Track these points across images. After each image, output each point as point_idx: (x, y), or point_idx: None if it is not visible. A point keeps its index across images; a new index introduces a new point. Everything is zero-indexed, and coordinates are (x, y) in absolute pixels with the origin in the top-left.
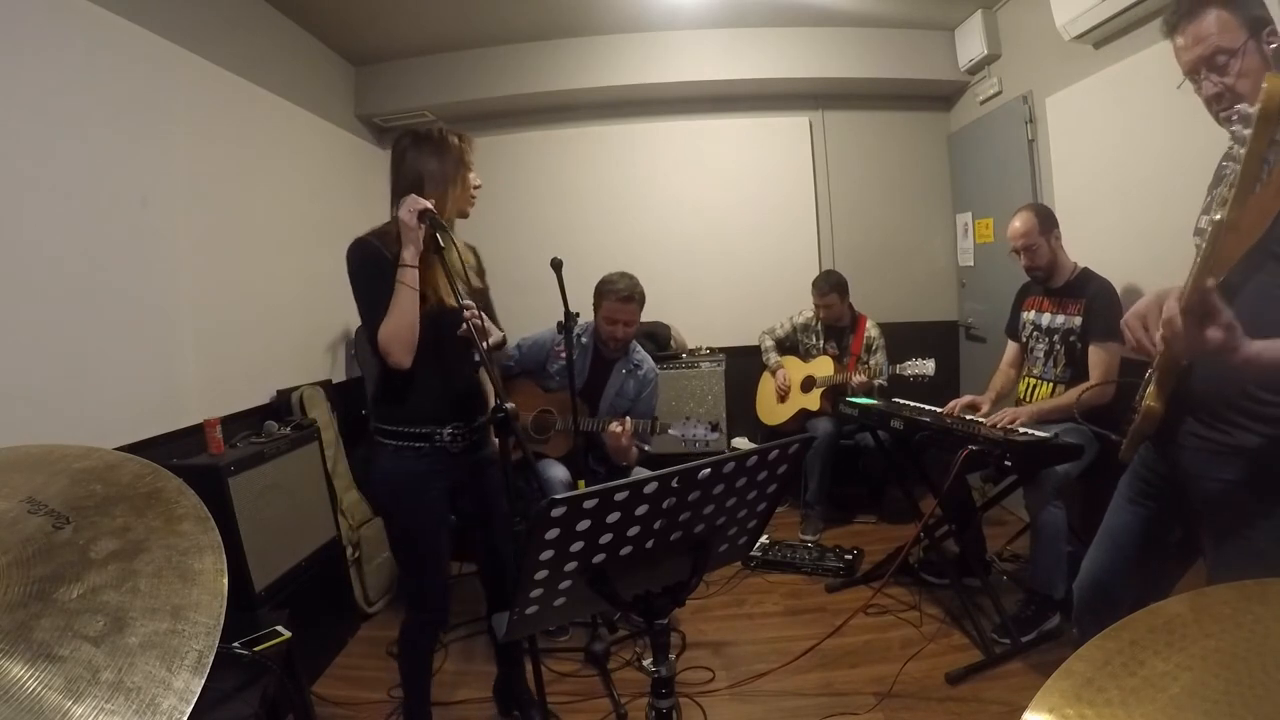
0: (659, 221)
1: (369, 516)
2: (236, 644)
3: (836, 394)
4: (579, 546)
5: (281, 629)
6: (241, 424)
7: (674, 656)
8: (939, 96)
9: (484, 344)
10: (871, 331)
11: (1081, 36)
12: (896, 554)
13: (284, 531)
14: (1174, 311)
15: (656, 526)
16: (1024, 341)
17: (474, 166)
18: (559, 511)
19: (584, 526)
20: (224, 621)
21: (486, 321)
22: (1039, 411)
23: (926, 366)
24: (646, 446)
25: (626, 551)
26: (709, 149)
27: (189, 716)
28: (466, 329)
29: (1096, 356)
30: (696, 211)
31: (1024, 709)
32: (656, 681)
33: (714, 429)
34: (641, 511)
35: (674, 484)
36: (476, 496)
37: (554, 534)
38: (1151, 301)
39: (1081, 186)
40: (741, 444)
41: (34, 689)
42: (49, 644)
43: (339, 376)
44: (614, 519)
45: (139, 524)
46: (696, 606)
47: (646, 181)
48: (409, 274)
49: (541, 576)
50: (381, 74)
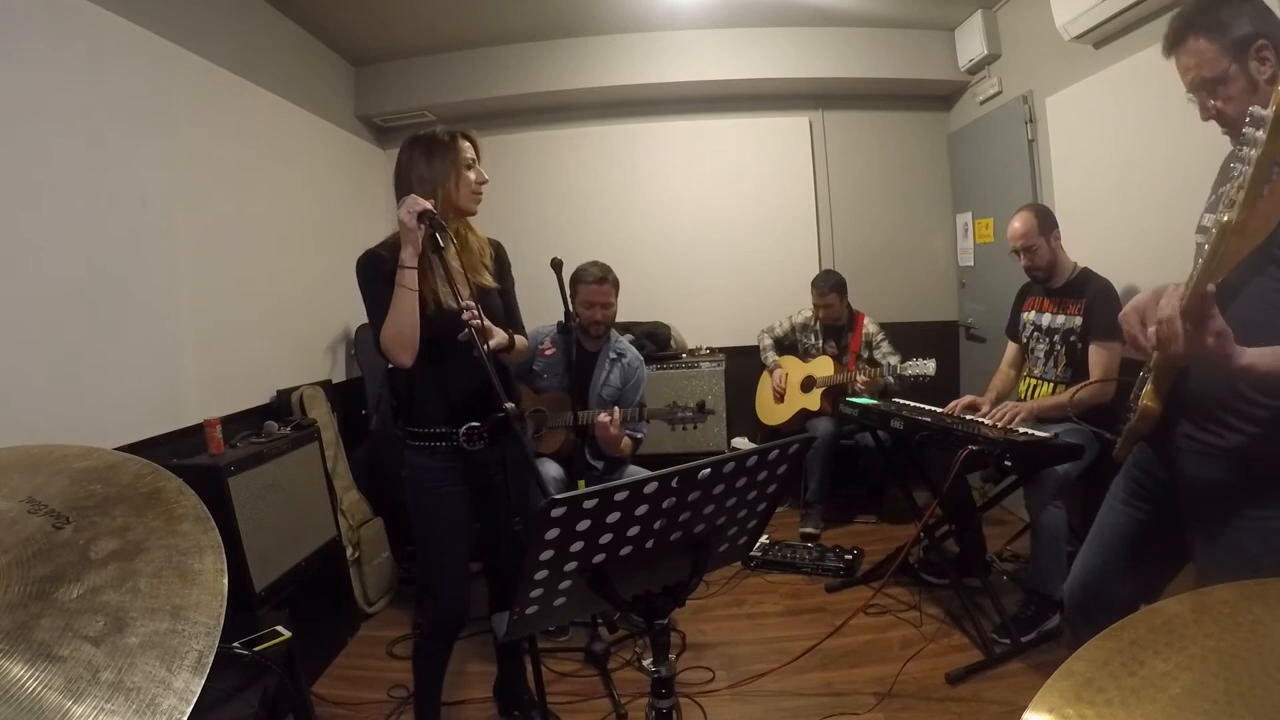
0: (659, 221)
1: (369, 516)
2: (236, 644)
3: (836, 394)
4: (579, 546)
5: (281, 629)
6: (241, 424)
7: (674, 656)
8: (939, 96)
9: (485, 345)
10: (870, 328)
11: (1081, 36)
12: (896, 554)
13: (284, 531)
14: (1173, 312)
15: (656, 526)
16: (1024, 342)
17: (476, 164)
18: (559, 511)
19: (584, 526)
20: (224, 621)
21: (487, 322)
22: (1039, 409)
23: (927, 366)
24: (639, 435)
25: (626, 551)
26: (709, 149)
27: (189, 716)
28: (467, 331)
29: (1097, 356)
30: (696, 211)
31: (1024, 709)
32: (656, 681)
33: (701, 409)
34: (641, 511)
35: (674, 484)
36: (494, 498)
37: (554, 534)
38: (1149, 297)
39: (1081, 186)
40: (741, 444)
41: (34, 689)
42: (49, 644)
43: (339, 376)
44: (614, 519)
45: (139, 524)
46: (696, 606)
47: (646, 181)
48: (407, 275)
49: (541, 576)
50: (381, 74)
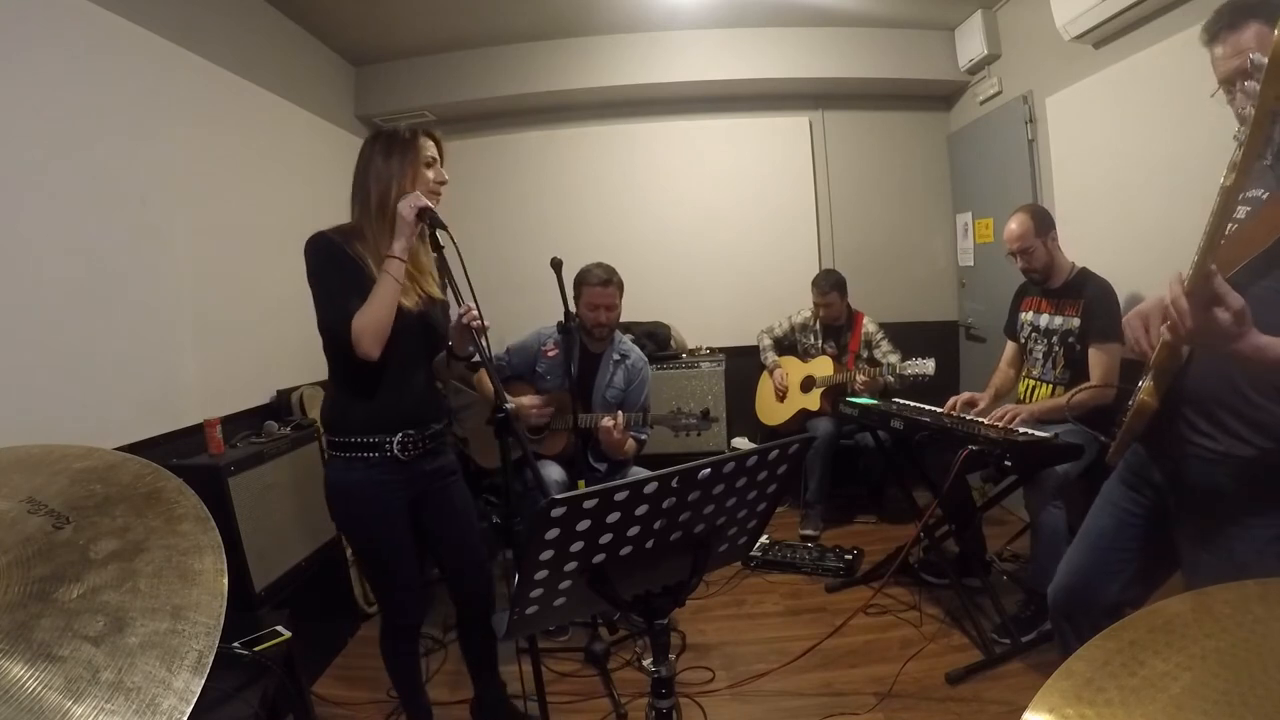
0: (659, 221)
1: None
2: (236, 644)
3: (836, 394)
4: (579, 546)
5: (281, 629)
6: (241, 424)
7: (674, 656)
8: (939, 96)
9: (483, 342)
10: (869, 328)
11: (1081, 36)
12: (896, 554)
13: (284, 531)
14: (1178, 293)
15: (656, 526)
16: (1023, 342)
17: (437, 164)
18: (559, 511)
19: (584, 526)
20: (224, 621)
21: (487, 322)
22: (1038, 411)
23: (926, 366)
24: (643, 437)
25: (626, 551)
26: (709, 149)
27: (189, 716)
28: (466, 326)
29: (1096, 358)
30: (696, 211)
31: (1024, 709)
32: (656, 681)
33: (705, 416)
34: (641, 511)
35: (674, 484)
36: (437, 510)
37: (554, 534)
38: (1155, 303)
39: (1081, 187)
40: (741, 444)
41: (34, 689)
42: (49, 644)
43: None
44: (614, 519)
45: (139, 524)
46: (696, 606)
47: (646, 181)
48: (396, 266)
49: (541, 577)
50: (381, 74)
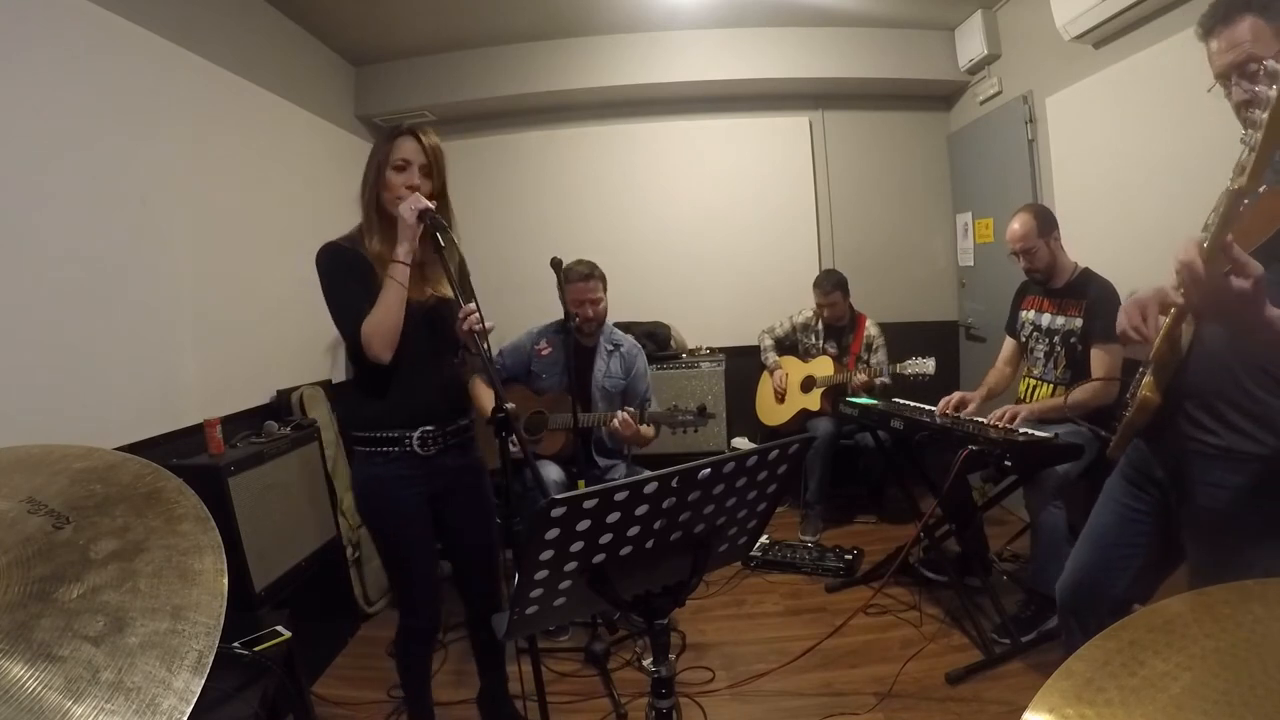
0: (659, 221)
1: None
2: (236, 644)
3: (836, 394)
4: (579, 546)
5: (281, 629)
6: (241, 424)
7: (674, 656)
8: (939, 96)
9: (485, 345)
10: (871, 330)
11: (1081, 36)
12: (896, 554)
13: (284, 531)
14: (1193, 255)
15: (656, 526)
16: (1023, 341)
17: (410, 167)
18: (559, 511)
19: (584, 526)
20: (224, 621)
21: (489, 324)
22: (1037, 411)
23: (926, 366)
24: (662, 423)
25: (626, 551)
26: (709, 149)
27: (189, 716)
28: (468, 330)
29: (1098, 359)
30: (696, 211)
31: (1024, 709)
32: (656, 681)
33: (702, 412)
34: (641, 511)
35: (674, 484)
36: (459, 507)
37: (554, 534)
38: (1152, 292)
39: (1081, 186)
40: (741, 444)
41: (34, 689)
42: (49, 644)
43: (339, 376)
44: (614, 519)
45: (139, 524)
46: (696, 606)
47: (646, 181)
48: (400, 270)
49: (541, 577)
50: (381, 74)
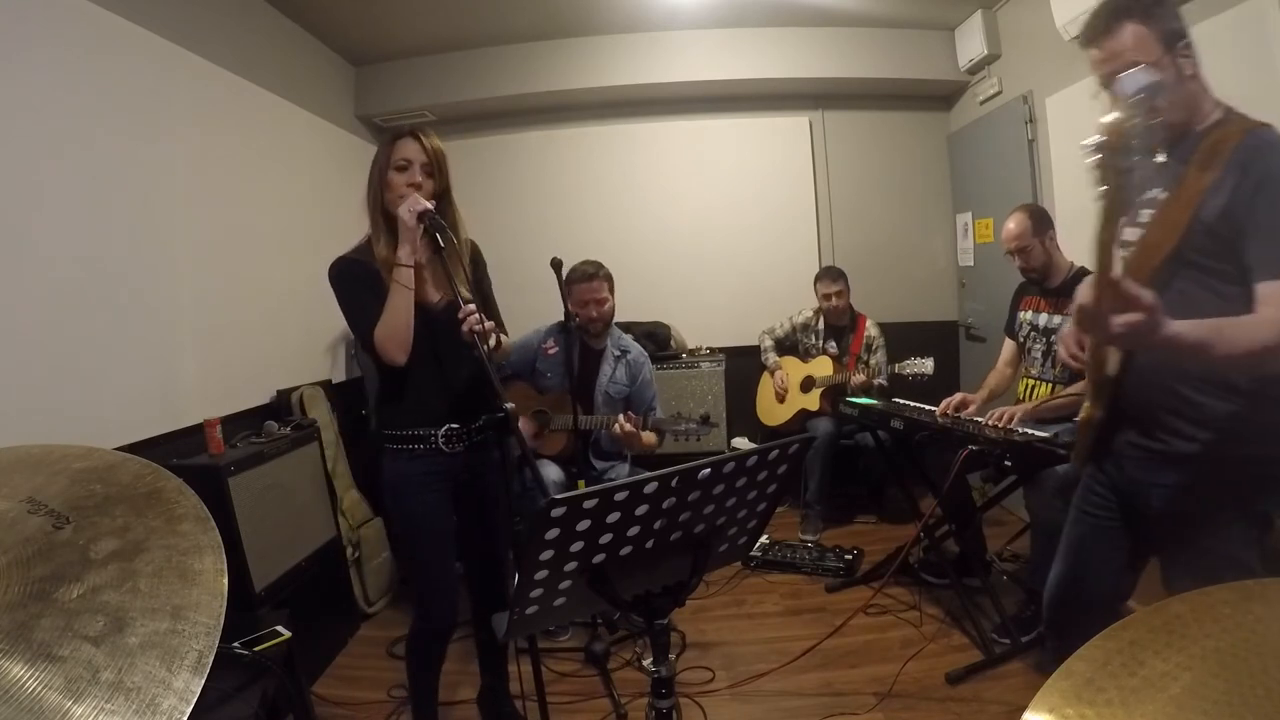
0: (659, 221)
1: (369, 516)
2: (236, 644)
3: (836, 394)
4: (579, 546)
5: (281, 629)
6: (241, 424)
7: (674, 656)
8: (939, 96)
9: (485, 346)
10: (871, 331)
11: None
12: (896, 554)
13: (284, 531)
14: (1086, 298)
15: (656, 526)
16: (1021, 341)
17: (411, 167)
18: (559, 511)
19: (584, 526)
20: (224, 621)
21: (489, 323)
22: (1035, 410)
23: (926, 365)
24: (665, 430)
25: (626, 551)
26: (709, 149)
27: (189, 716)
28: (468, 331)
29: None
30: (696, 211)
31: (1024, 709)
32: (656, 681)
33: (705, 421)
34: (641, 511)
35: (674, 484)
36: (478, 504)
37: (554, 534)
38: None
39: (1081, 186)
40: (741, 444)
41: (34, 689)
42: (49, 644)
43: (339, 376)
44: (614, 519)
45: (139, 524)
46: (696, 606)
47: (646, 181)
48: (404, 273)
49: (541, 576)
50: (381, 74)
